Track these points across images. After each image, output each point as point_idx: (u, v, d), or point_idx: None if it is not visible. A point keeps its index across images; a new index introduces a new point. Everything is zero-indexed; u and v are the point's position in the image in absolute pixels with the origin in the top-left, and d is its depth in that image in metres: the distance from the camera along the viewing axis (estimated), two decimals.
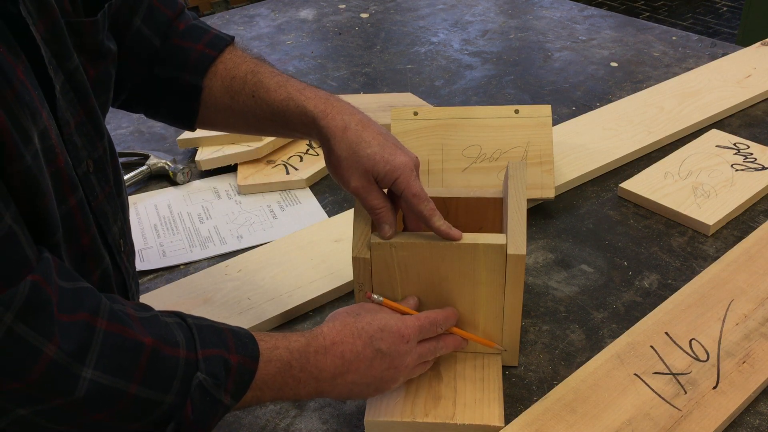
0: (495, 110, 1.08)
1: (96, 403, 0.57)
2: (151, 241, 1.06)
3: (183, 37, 0.83)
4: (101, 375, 0.56)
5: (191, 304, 0.91)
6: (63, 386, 0.55)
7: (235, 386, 0.64)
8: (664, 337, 0.83)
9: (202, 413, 0.62)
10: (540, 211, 1.08)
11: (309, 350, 0.68)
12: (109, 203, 0.71)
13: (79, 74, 0.66)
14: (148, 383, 0.59)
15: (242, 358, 0.64)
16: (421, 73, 1.56)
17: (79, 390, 0.55)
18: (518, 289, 0.75)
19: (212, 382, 0.62)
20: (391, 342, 0.71)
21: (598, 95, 1.43)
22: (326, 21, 1.85)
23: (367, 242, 0.76)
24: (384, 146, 0.75)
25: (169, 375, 0.60)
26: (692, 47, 1.62)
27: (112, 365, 0.57)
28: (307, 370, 0.68)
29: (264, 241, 1.04)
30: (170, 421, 0.61)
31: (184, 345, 0.62)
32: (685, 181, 1.10)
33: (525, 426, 0.73)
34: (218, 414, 0.63)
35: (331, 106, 0.77)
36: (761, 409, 0.77)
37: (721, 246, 1.00)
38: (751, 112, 1.34)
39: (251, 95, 0.80)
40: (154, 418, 0.60)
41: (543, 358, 0.83)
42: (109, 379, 0.57)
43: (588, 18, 1.82)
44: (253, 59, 0.84)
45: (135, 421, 0.60)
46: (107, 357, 0.57)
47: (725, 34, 4.00)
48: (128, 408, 0.58)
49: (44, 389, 0.54)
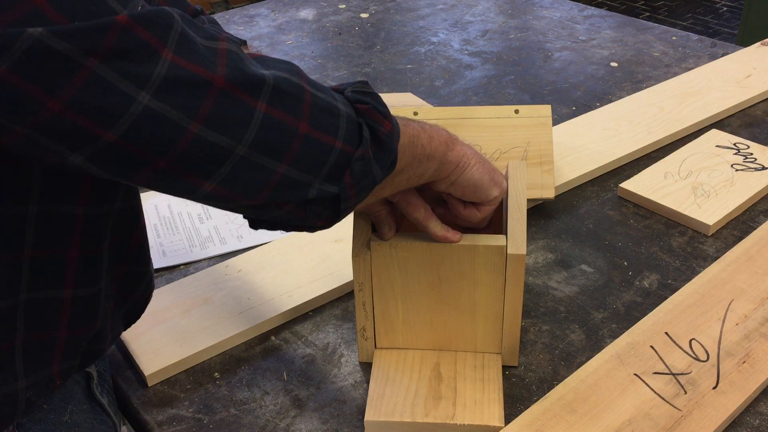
0: (495, 110, 1.08)
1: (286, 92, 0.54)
2: (151, 241, 1.06)
3: None
4: (273, 110, 0.53)
5: (191, 304, 0.91)
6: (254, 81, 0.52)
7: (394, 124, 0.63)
8: (664, 337, 0.83)
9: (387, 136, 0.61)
10: (540, 211, 1.08)
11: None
12: None
13: None
14: (319, 89, 0.58)
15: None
16: (421, 73, 1.56)
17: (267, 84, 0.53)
18: (518, 289, 0.75)
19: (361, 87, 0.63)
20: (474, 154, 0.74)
21: (598, 95, 1.43)
22: (326, 21, 1.85)
23: (367, 242, 0.76)
24: None
25: (333, 111, 0.58)
26: (692, 47, 1.62)
27: (283, 104, 0.54)
28: (429, 128, 0.69)
29: (264, 241, 1.04)
30: (351, 157, 0.58)
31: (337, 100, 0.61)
32: (685, 181, 1.10)
33: (525, 426, 0.73)
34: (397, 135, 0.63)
35: None
36: (761, 409, 0.77)
37: (721, 246, 1.00)
38: (751, 112, 1.34)
39: None
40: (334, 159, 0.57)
41: (543, 358, 0.83)
42: (282, 114, 0.54)
43: (588, 18, 1.82)
44: None
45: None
46: (280, 99, 0.54)
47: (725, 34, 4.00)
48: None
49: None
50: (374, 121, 0.61)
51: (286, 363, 0.84)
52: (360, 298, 0.78)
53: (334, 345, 0.86)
